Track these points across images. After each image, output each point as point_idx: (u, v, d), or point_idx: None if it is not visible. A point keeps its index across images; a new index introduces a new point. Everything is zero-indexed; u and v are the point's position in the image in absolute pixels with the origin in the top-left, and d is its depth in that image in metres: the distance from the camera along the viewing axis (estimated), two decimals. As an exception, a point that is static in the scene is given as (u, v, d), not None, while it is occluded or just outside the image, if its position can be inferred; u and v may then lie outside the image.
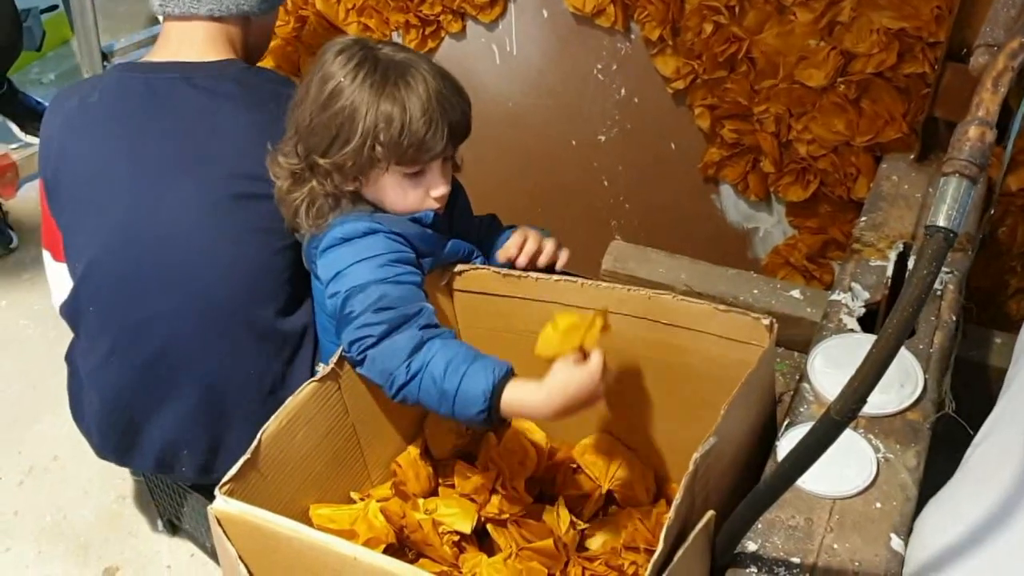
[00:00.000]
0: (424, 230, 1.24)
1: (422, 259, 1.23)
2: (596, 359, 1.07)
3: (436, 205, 1.25)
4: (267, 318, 1.39)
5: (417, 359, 1.10)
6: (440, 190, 1.24)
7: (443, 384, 1.08)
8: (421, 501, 1.22)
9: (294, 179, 1.25)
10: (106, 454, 1.48)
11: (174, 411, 1.40)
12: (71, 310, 1.45)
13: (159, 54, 1.47)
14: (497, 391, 1.08)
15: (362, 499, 1.18)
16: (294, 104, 1.25)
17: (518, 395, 1.08)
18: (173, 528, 1.76)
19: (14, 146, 2.66)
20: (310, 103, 1.20)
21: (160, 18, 1.51)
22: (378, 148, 1.17)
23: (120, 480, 1.87)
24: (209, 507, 0.99)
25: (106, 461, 1.51)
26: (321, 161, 1.20)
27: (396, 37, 2.01)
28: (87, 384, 1.45)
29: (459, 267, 1.31)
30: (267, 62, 2.18)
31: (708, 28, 1.62)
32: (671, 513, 0.89)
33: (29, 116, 2.65)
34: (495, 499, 1.21)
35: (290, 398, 1.09)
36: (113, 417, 1.42)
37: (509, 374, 1.10)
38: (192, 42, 1.46)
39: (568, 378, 1.06)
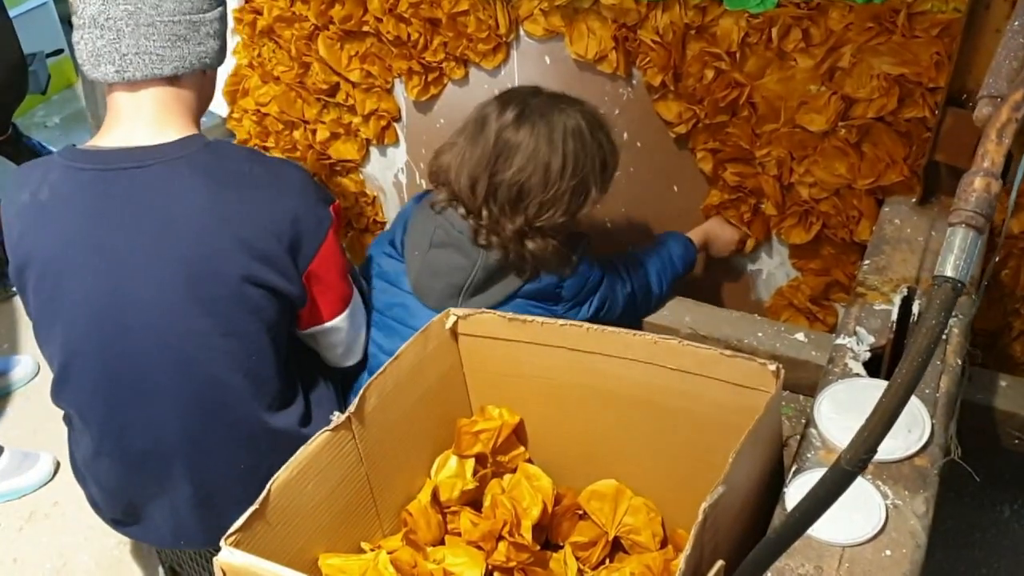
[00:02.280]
0: None
1: None
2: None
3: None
4: (255, 418, 1.36)
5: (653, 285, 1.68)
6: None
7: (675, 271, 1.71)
8: (430, 550, 1.21)
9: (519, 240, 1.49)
10: (114, 528, 1.48)
11: (171, 500, 1.39)
12: (56, 403, 1.42)
13: (109, 137, 1.33)
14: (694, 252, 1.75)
15: (372, 550, 1.17)
16: (495, 185, 1.46)
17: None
18: (175, 575, 1.75)
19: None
20: (541, 181, 1.45)
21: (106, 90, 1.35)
22: (593, 192, 1.50)
23: (121, 526, 1.86)
24: (215, 558, 0.98)
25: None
26: (562, 218, 1.48)
27: (399, 84, 2.03)
28: (83, 470, 1.45)
29: (464, 311, 1.31)
30: (271, 107, 2.20)
31: (709, 74, 1.64)
32: (681, 564, 0.88)
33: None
34: (502, 546, 1.20)
35: (302, 448, 1.08)
36: (113, 502, 1.43)
37: (689, 244, 1.75)
38: (146, 117, 1.32)
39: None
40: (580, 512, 1.33)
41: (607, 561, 1.30)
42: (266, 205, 1.31)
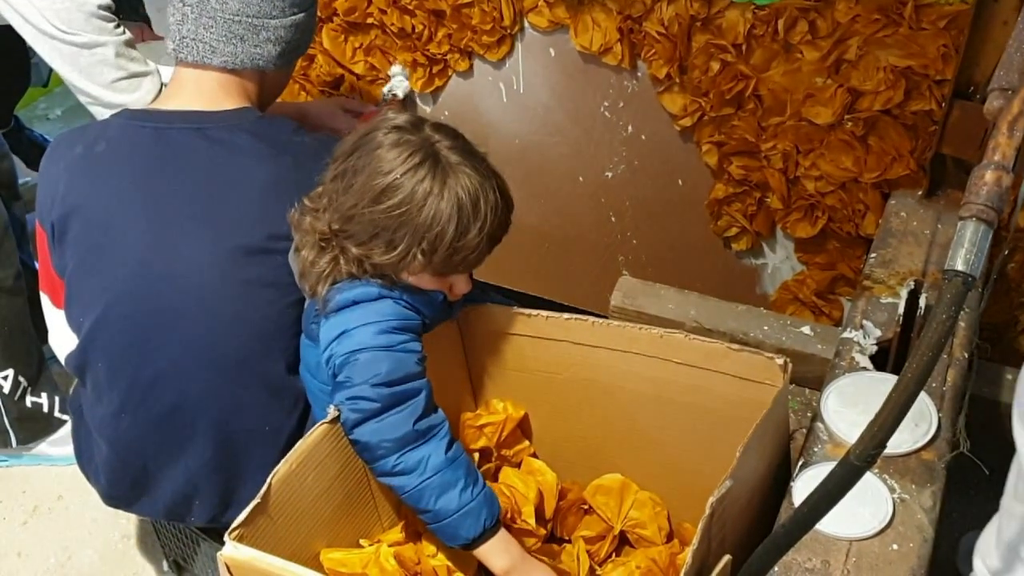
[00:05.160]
0: (436, 301, 1.23)
1: (428, 327, 1.22)
2: None
3: (453, 298, 1.25)
4: (279, 373, 1.36)
5: (410, 458, 1.10)
6: (463, 290, 1.24)
7: (432, 504, 1.11)
8: (425, 538, 1.21)
9: (320, 249, 1.20)
10: (114, 502, 1.46)
11: (187, 464, 1.38)
12: (77, 363, 1.41)
13: (170, 101, 1.42)
14: (478, 542, 1.12)
15: (372, 545, 1.16)
16: (337, 172, 1.19)
17: (489, 554, 1.13)
18: (179, 569, 1.75)
19: (20, 182, 2.67)
20: (358, 189, 1.14)
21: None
22: (420, 257, 1.14)
23: (125, 520, 1.86)
24: (219, 553, 0.98)
25: (114, 508, 1.49)
26: (355, 250, 1.16)
27: (400, 75, 2.02)
28: (96, 434, 1.43)
29: (469, 306, 1.31)
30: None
31: (715, 66, 1.63)
32: (688, 558, 0.88)
33: (35, 152, 2.66)
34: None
35: (300, 441, 1.08)
36: (125, 468, 1.41)
37: (495, 528, 1.13)
38: (205, 90, 1.40)
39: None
40: (586, 506, 1.33)
41: (613, 555, 1.30)
42: (317, 174, 1.29)
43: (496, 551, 1.13)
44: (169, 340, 1.33)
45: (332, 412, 1.12)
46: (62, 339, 1.44)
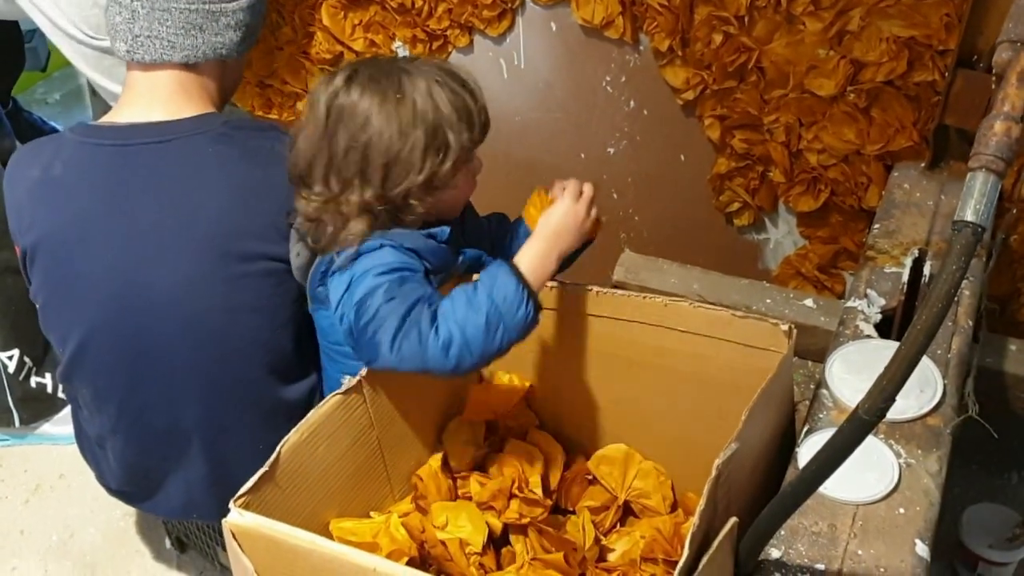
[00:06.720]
0: (438, 245, 1.20)
1: (432, 274, 1.20)
2: (570, 189, 1.21)
3: (458, 207, 1.26)
4: (273, 394, 1.34)
5: (441, 327, 1.07)
6: (478, 168, 1.25)
7: (477, 325, 1.06)
8: (434, 508, 1.20)
9: (323, 203, 1.17)
10: (119, 496, 1.47)
11: (186, 477, 1.37)
12: (64, 386, 1.40)
13: (125, 113, 1.32)
14: (521, 279, 1.09)
15: (382, 516, 1.16)
16: (315, 151, 1.16)
17: (529, 261, 1.13)
18: (181, 546, 1.75)
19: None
20: (346, 138, 1.14)
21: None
22: (468, 140, 1.17)
23: (128, 498, 1.86)
24: (224, 520, 0.97)
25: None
26: (419, 178, 1.14)
27: (403, 52, 2.01)
28: (96, 444, 1.43)
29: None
30: (274, 78, 2.18)
31: (717, 38, 1.62)
32: (695, 518, 0.87)
33: (34, 135, 2.65)
34: (514, 504, 1.20)
35: (313, 410, 1.07)
36: (129, 475, 1.41)
37: (509, 263, 1.12)
38: (163, 96, 1.31)
39: (548, 216, 1.18)
40: (589, 477, 1.32)
41: (618, 526, 1.30)
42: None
43: (532, 263, 1.13)
44: (155, 370, 1.30)
45: (346, 383, 1.11)
46: None
